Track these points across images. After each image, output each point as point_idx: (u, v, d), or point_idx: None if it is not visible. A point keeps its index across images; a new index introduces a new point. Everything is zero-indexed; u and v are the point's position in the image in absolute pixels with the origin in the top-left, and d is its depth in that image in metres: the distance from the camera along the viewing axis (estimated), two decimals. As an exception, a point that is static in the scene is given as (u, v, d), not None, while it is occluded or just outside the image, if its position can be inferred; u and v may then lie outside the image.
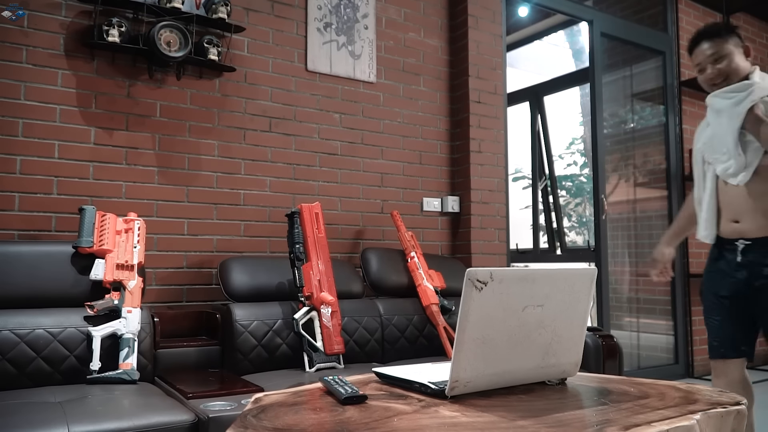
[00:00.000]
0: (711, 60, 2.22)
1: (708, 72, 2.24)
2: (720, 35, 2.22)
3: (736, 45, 2.21)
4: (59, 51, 2.66)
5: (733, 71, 2.20)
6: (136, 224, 2.50)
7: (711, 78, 2.24)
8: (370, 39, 3.52)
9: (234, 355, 2.54)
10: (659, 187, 4.99)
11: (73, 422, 1.66)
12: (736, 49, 2.21)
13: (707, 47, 2.23)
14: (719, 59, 2.21)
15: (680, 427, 0.99)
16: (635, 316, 4.96)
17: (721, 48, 2.21)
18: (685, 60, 5.02)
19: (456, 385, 1.14)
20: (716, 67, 2.21)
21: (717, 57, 2.21)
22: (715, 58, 2.21)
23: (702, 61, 2.25)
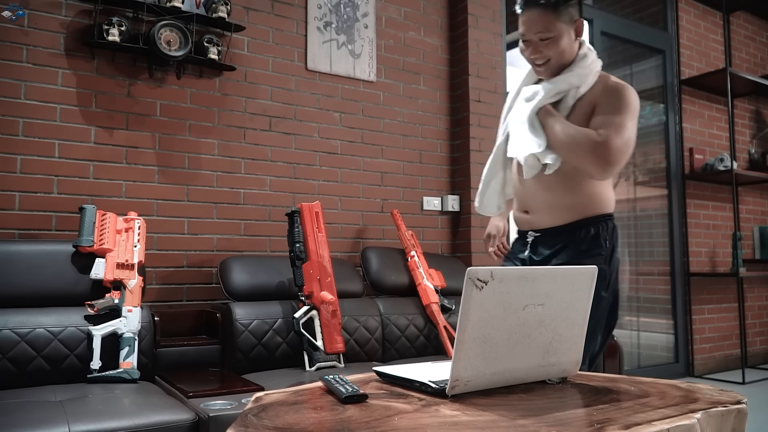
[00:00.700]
0: (537, 37, 1.88)
1: (531, 51, 1.91)
2: (556, 8, 1.84)
3: (570, 22, 1.87)
4: (59, 50, 2.66)
5: (557, 56, 1.89)
6: (137, 223, 2.50)
7: (533, 58, 1.92)
8: (370, 38, 3.52)
9: (234, 354, 2.54)
10: (659, 186, 4.99)
11: (73, 421, 1.66)
12: (567, 28, 1.87)
13: (536, 21, 1.85)
14: (545, 40, 1.87)
15: (681, 426, 0.99)
16: (635, 315, 4.96)
17: (551, 26, 1.85)
18: (686, 59, 5.03)
19: (456, 384, 1.14)
20: (540, 50, 1.89)
21: (544, 37, 1.87)
22: (541, 37, 1.87)
23: (526, 32, 1.89)
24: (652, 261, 5.00)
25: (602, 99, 1.90)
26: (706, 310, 4.95)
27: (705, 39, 5.21)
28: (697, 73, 5.03)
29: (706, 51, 5.21)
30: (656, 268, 4.97)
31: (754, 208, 5.44)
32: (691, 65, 5.06)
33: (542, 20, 1.84)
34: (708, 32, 5.24)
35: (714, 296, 5.02)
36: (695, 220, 4.99)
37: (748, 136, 5.50)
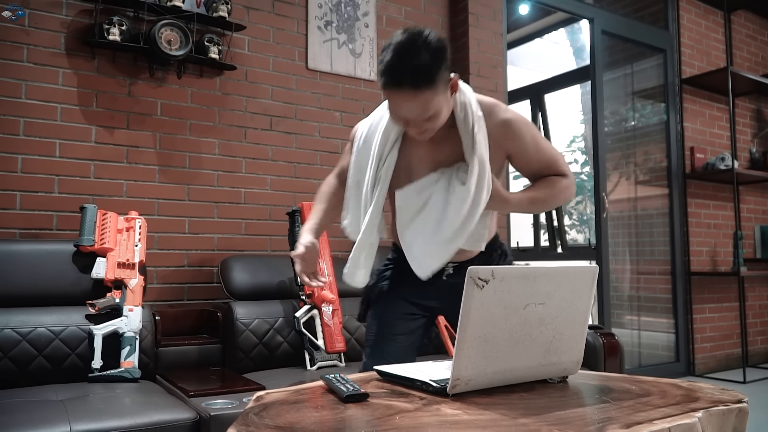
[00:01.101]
0: (421, 118, 1.52)
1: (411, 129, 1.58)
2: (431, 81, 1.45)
3: (445, 87, 1.51)
4: (60, 50, 2.66)
5: (439, 124, 1.56)
6: (137, 223, 2.50)
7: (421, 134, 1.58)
8: (370, 37, 3.52)
9: (235, 353, 2.54)
10: (660, 185, 4.98)
11: (75, 420, 1.66)
12: (444, 95, 1.52)
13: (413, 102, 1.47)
14: (429, 117, 1.52)
15: (682, 425, 0.99)
16: (636, 314, 4.96)
17: (430, 105, 1.49)
18: (687, 57, 5.02)
19: (457, 383, 1.14)
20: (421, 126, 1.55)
21: (425, 117, 1.52)
22: (425, 117, 1.52)
23: (403, 115, 1.53)
24: (653, 260, 5.00)
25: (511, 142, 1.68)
26: (707, 309, 4.95)
27: (706, 38, 5.21)
28: (698, 72, 5.02)
29: (707, 50, 5.21)
30: (657, 267, 4.97)
31: (755, 207, 5.44)
32: (692, 64, 5.05)
33: (425, 102, 1.48)
34: (709, 31, 5.23)
35: (715, 295, 5.02)
36: (696, 220, 4.98)
37: (749, 135, 5.49)
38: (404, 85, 1.46)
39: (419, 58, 1.43)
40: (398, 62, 1.45)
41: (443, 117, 1.56)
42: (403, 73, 1.44)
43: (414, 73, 1.44)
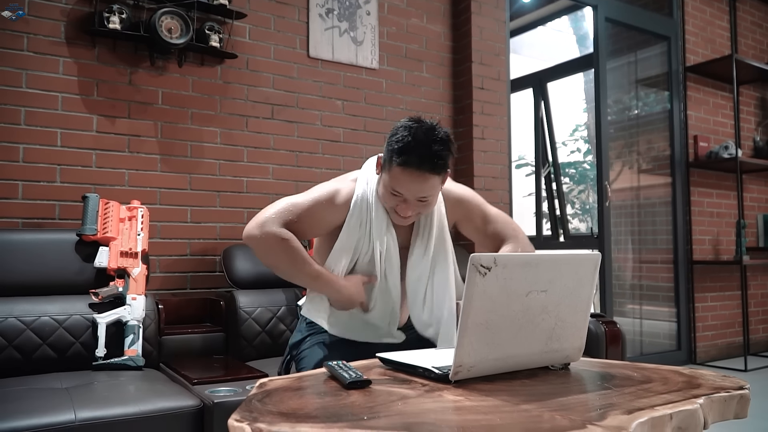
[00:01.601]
0: (417, 198, 1.62)
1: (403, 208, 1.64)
2: (445, 168, 1.62)
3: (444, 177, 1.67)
4: (60, 38, 2.65)
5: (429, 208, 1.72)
6: (140, 212, 2.50)
7: (404, 216, 1.66)
8: (372, 25, 3.51)
9: (238, 341, 2.55)
10: (663, 174, 4.97)
11: (79, 408, 1.67)
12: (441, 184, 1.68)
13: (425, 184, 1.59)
14: (423, 201, 1.64)
15: (683, 411, 0.99)
16: (638, 303, 4.96)
17: (434, 189, 1.63)
18: (691, 45, 5.00)
19: (460, 369, 1.15)
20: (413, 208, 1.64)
21: (424, 199, 1.63)
22: (420, 198, 1.63)
23: (407, 193, 1.61)
24: (655, 249, 5.00)
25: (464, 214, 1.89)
26: (708, 298, 4.95)
27: (711, 25, 5.17)
28: (703, 59, 5.00)
29: (712, 37, 5.17)
30: (659, 256, 4.97)
31: (758, 196, 5.42)
32: (696, 52, 5.03)
33: (431, 186, 1.61)
34: (714, 18, 5.20)
35: (717, 284, 5.02)
36: (699, 208, 4.97)
37: (753, 124, 5.47)
38: (423, 168, 1.56)
39: (440, 146, 1.58)
40: (422, 146, 1.56)
41: (431, 206, 1.70)
42: (427, 157, 1.56)
43: (437, 157, 1.57)
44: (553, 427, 0.87)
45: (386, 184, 1.65)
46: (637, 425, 0.89)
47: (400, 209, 1.65)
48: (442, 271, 1.81)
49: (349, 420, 0.92)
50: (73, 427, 1.61)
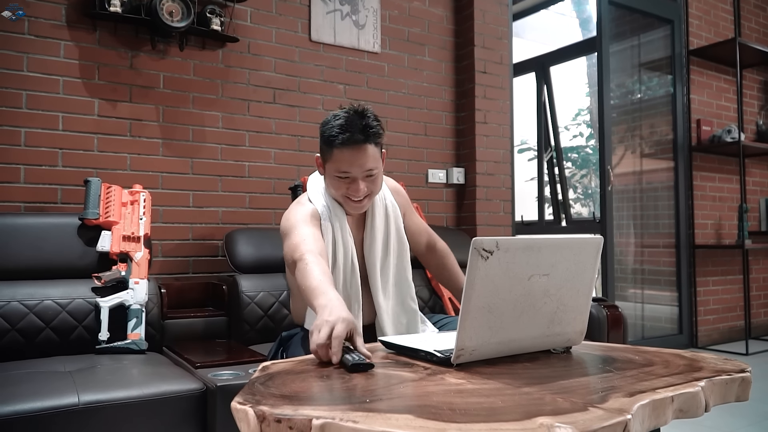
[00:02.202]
0: (364, 174, 1.71)
1: (353, 188, 1.72)
2: (379, 137, 1.72)
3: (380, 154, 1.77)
4: (61, 22, 2.64)
5: (376, 190, 1.79)
6: (142, 196, 2.50)
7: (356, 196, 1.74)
8: (374, 8, 3.48)
9: (241, 325, 2.56)
10: (666, 158, 4.96)
11: (83, 391, 1.68)
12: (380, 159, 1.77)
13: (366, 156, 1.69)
14: (371, 176, 1.73)
15: (685, 393, 0.99)
16: (640, 287, 4.97)
17: (376, 161, 1.73)
18: (694, 29, 4.96)
19: (461, 353, 1.15)
20: (363, 186, 1.72)
21: (370, 173, 1.72)
22: (368, 174, 1.72)
23: (351, 169, 1.70)
24: (657, 233, 5.00)
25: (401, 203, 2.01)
26: (710, 282, 4.95)
27: (714, 8, 5.13)
28: (706, 43, 4.96)
29: (715, 21, 5.14)
30: (661, 240, 4.97)
31: (760, 180, 5.41)
32: (699, 35, 4.99)
33: (372, 156, 1.70)
34: (717, 1, 5.16)
35: (719, 268, 5.02)
36: (701, 192, 4.97)
37: (756, 108, 5.44)
38: (359, 140, 1.68)
39: (369, 120, 1.71)
40: (352, 123, 1.68)
41: (379, 183, 1.78)
42: (358, 129, 1.68)
43: (369, 127, 1.69)
44: (554, 409, 0.88)
45: (331, 172, 1.74)
46: (638, 408, 0.89)
47: (352, 191, 1.73)
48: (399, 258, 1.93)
49: (352, 403, 0.93)
50: (76, 410, 1.62)
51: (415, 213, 2.09)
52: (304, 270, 1.53)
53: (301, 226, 1.72)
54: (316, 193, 1.87)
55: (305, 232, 1.69)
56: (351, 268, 1.83)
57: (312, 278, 1.49)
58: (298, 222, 1.74)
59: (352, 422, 0.82)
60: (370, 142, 1.70)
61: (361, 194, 1.73)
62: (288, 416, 0.86)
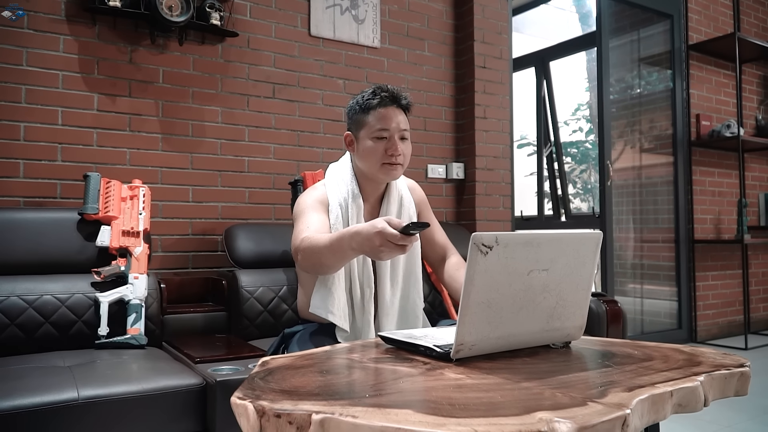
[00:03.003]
0: (399, 135, 1.82)
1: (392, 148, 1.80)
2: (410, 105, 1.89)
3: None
4: (60, 16, 2.63)
5: (409, 156, 1.88)
6: (141, 191, 2.50)
7: (395, 155, 1.80)
8: (373, 3, 3.47)
9: (240, 320, 2.56)
10: (665, 153, 4.96)
11: (82, 386, 1.68)
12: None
13: (400, 117, 1.83)
14: (404, 139, 1.85)
15: (684, 388, 1.00)
16: (639, 282, 4.98)
17: (408, 126, 1.87)
18: (694, 23, 4.95)
19: (461, 348, 1.15)
20: (400, 147, 1.82)
21: (405, 135, 1.85)
22: (402, 135, 1.84)
23: (391, 126, 1.80)
24: (656, 228, 5.00)
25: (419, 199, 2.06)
26: (710, 277, 4.96)
27: (714, 3, 5.12)
28: (705, 38, 4.96)
29: (715, 15, 5.13)
30: (661, 235, 4.97)
31: (760, 175, 5.41)
32: (699, 30, 4.98)
33: (405, 119, 1.85)
34: (717, -4, 5.16)
35: (718, 263, 5.03)
36: (701, 187, 4.97)
37: (756, 102, 5.44)
38: (396, 103, 1.83)
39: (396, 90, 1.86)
40: (390, 90, 1.84)
41: (409, 151, 1.86)
42: (396, 94, 1.84)
43: (403, 96, 1.86)
44: (554, 404, 0.88)
45: (368, 136, 1.82)
46: (637, 402, 0.89)
47: (391, 149, 1.80)
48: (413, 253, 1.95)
49: (351, 398, 0.93)
50: (76, 405, 1.63)
51: (432, 214, 2.11)
52: (310, 242, 1.61)
53: (308, 212, 1.80)
54: (333, 180, 1.92)
55: (311, 218, 1.77)
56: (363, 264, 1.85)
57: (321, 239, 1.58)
58: (305, 209, 1.82)
59: (351, 417, 0.82)
60: (402, 107, 1.85)
61: (399, 151, 1.81)
62: (287, 411, 0.86)
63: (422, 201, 2.06)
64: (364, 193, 1.91)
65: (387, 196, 1.94)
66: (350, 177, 1.90)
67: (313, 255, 1.60)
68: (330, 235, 1.56)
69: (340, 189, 1.89)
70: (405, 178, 2.05)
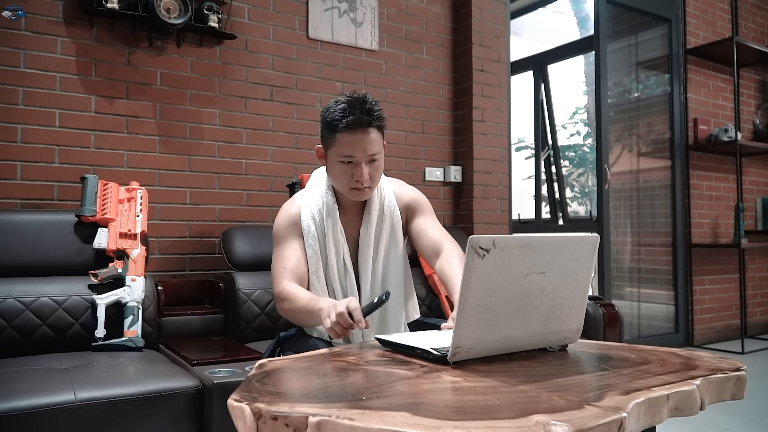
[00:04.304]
0: (368, 158, 1.71)
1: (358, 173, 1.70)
2: (382, 122, 1.74)
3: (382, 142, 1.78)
4: (58, 18, 2.63)
5: (380, 175, 1.79)
6: (139, 193, 2.50)
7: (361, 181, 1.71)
8: (372, 6, 3.48)
9: (237, 323, 2.56)
10: (663, 157, 4.97)
11: (79, 388, 1.67)
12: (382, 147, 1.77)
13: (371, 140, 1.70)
14: (374, 161, 1.73)
15: (680, 392, 1.00)
16: (636, 285, 4.98)
17: (379, 145, 1.73)
18: (692, 27, 4.97)
19: (458, 351, 1.15)
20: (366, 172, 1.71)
21: (374, 158, 1.72)
22: (371, 158, 1.72)
23: (356, 153, 1.69)
24: (654, 232, 5.01)
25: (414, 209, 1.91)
26: (707, 281, 4.97)
27: (712, 7, 5.14)
28: (703, 42, 4.97)
29: (713, 20, 5.14)
30: (658, 239, 4.98)
31: (757, 179, 5.42)
32: (697, 34, 5.00)
33: (376, 141, 1.72)
34: (715, 0, 5.17)
35: (715, 267, 5.03)
36: (698, 191, 4.97)
37: (753, 107, 5.45)
38: (364, 124, 1.68)
39: (372, 104, 1.72)
40: (355, 106, 1.69)
41: (380, 170, 1.76)
42: (362, 112, 1.68)
43: (373, 111, 1.71)
44: (550, 407, 0.88)
45: (334, 158, 1.72)
46: (633, 406, 0.89)
47: (356, 175, 1.70)
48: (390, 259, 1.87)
49: (348, 400, 0.93)
50: (73, 407, 1.62)
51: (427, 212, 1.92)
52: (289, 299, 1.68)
53: (282, 244, 1.81)
54: (311, 190, 1.87)
55: (286, 253, 1.79)
56: (344, 266, 1.82)
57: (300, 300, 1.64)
58: (280, 237, 1.83)
59: (348, 420, 0.82)
60: (374, 125, 1.71)
61: (365, 179, 1.71)
62: (284, 413, 0.86)
63: (411, 204, 1.91)
64: (342, 204, 1.84)
65: (368, 206, 1.84)
66: (325, 188, 1.84)
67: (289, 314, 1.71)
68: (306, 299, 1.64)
69: (315, 202, 1.83)
70: (392, 181, 1.95)
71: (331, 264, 1.80)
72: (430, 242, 1.84)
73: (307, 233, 1.81)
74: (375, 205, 1.85)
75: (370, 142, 1.70)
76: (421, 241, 1.86)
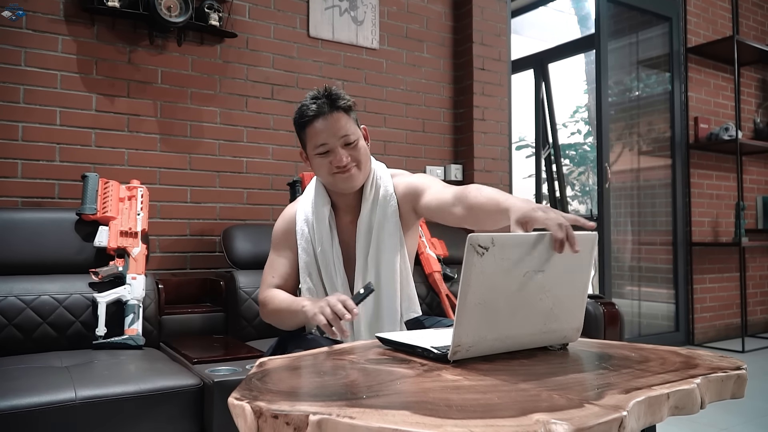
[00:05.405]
0: (342, 142, 1.70)
1: (337, 159, 1.69)
2: (347, 105, 1.74)
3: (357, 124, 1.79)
4: (59, 16, 2.63)
5: (364, 159, 1.75)
6: (139, 191, 2.50)
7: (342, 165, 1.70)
8: (372, 4, 3.48)
9: (238, 321, 2.56)
10: (663, 156, 4.96)
11: (80, 386, 1.68)
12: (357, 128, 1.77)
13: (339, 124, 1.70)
14: (350, 144, 1.72)
15: (681, 390, 1.00)
16: (637, 284, 4.98)
17: (351, 128, 1.73)
18: (692, 26, 4.96)
19: (458, 349, 1.15)
20: (350, 153, 1.71)
21: (349, 141, 1.71)
22: (346, 141, 1.71)
23: (329, 139, 1.69)
24: (654, 231, 5.00)
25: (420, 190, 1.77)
26: (707, 280, 4.96)
27: (712, 6, 5.13)
28: (704, 40, 4.96)
29: (714, 18, 5.14)
30: (658, 237, 4.97)
31: (758, 178, 5.42)
32: (697, 33, 4.99)
33: (344, 123, 1.71)
34: (716, -1, 5.17)
35: (716, 266, 5.03)
36: (699, 190, 4.97)
37: (754, 105, 5.45)
38: (328, 109, 1.70)
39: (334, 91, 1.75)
40: (317, 99, 1.72)
41: (363, 153, 1.74)
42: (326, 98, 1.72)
43: (334, 95, 1.73)
44: (550, 406, 0.88)
45: (312, 152, 1.73)
46: (634, 404, 0.89)
47: (335, 161, 1.70)
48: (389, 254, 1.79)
49: (349, 399, 0.93)
50: (73, 405, 1.62)
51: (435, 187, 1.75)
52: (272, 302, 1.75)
53: (274, 252, 1.86)
54: (307, 193, 1.88)
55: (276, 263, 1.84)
56: (335, 271, 1.80)
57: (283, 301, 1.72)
58: (274, 243, 1.88)
59: (348, 418, 0.82)
60: (339, 110, 1.71)
61: (344, 162, 1.69)
62: (285, 412, 0.86)
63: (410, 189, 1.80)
64: (338, 204, 1.82)
65: (363, 200, 1.80)
66: (319, 190, 1.83)
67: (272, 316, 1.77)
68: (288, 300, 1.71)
69: (309, 204, 1.83)
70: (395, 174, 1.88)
71: (323, 264, 1.80)
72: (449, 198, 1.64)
73: (300, 236, 1.82)
74: (368, 195, 1.80)
75: (338, 125, 1.70)
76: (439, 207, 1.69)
